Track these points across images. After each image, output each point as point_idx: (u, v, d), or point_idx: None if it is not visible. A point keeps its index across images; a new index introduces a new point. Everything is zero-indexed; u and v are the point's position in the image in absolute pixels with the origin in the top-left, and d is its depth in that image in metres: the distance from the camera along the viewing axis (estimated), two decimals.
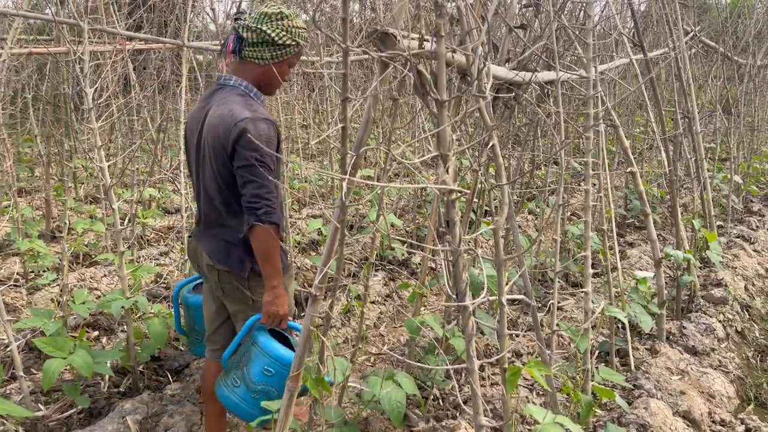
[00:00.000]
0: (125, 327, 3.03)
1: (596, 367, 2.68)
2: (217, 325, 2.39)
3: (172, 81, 6.02)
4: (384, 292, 4.31)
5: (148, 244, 5.08)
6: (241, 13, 2.15)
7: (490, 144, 1.69)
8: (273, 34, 2.08)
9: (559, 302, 4.17)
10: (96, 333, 3.55)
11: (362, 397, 2.41)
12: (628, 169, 3.36)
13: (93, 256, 4.60)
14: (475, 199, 3.41)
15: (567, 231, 4.56)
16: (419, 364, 1.68)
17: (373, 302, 4.15)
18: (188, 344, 2.89)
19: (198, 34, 8.23)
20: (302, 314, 2.74)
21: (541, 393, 3.04)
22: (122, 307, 2.74)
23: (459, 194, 1.41)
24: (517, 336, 3.55)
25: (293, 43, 2.13)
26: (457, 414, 2.78)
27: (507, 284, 1.88)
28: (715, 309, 4.01)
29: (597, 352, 3.34)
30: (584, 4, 2.63)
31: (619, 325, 3.45)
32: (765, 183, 7.87)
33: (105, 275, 4.28)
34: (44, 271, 4.14)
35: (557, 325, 2.58)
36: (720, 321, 3.88)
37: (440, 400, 2.92)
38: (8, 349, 2.53)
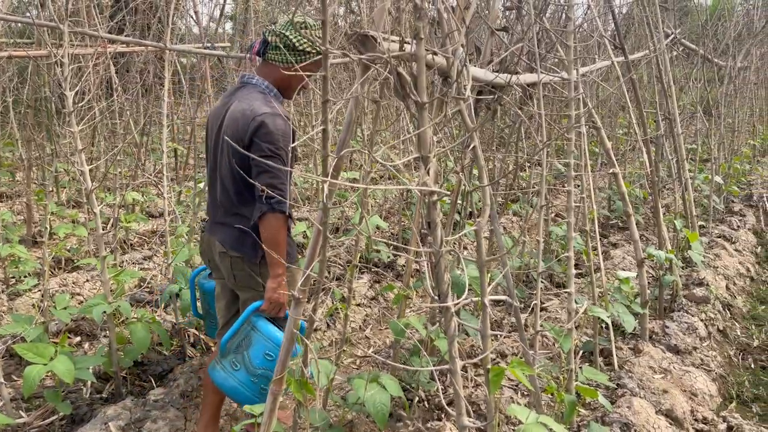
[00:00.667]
0: (108, 332, 3.01)
1: (580, 367, 2.69)
2: (229, 317, 2.49)
3: (155, 84, 5.98)
4: (370, 294, 4.31)
5: (131, 248, 5.03)
6: (274, 23, 2.34)
7: (471, 146, 1.70)
8: (294, 40, 2.24)
9: (543, 303, 4.19)
10: (78, 338, 3.51)
11: (347, 400, 2.40)
12: (610, 171, 3.39)
13: (75, 260, 4.55)
14: (459, 201, 3.42)
15: (551, 232, 4.59)
16: (402, 366, 1.68)
17: (358, 305, 4.14)
18: (204, 327, 3.01)
19: (182, 37, 8.18)
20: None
21: (525, 393, 3.05)
22: (104, 312, 2.71)
23: (440, 196, 1.41)
24: (502, 337, 3.56)
25: (312, 51, 2.28)
26: (443, 415, 2.78)
27: (490, 285, 1.89)
28: (697, 308, 4.05)
29: (581, 351, 3.36)
30: (565, 7, 2.66)
31: (603, 325, 3.48)
32: (745, 183, 7.98)
33: (87, 280, 4.24)
34: (25, 277, 4.08)
35: (541, 325, 2.60)
36: (702, 320, 3.92)
37: (426, 402, 2.92)
38: None
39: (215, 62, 7.25)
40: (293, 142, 2.25)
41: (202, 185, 4.67)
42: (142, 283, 4.24)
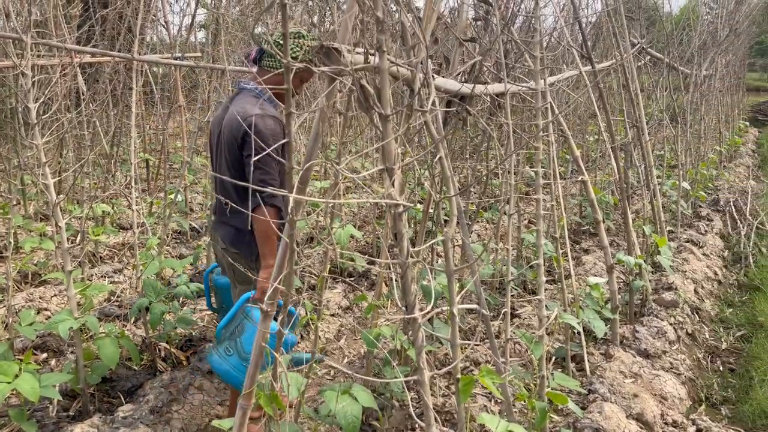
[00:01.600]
0: (75, 348, 2.94)
1: (552, 373, 2.71)
2: None
3: (124, 94, 5.91)
4: (344, 304, 4.30)
5: (101, 261, 4.95)
6: (270, 34, 2.58)
7: (438, 156, 1.71)
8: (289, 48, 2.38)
9: (516, 309, 4.22)
10: (45, 355, 3.44)
11: (319, 412, 2.39)
12: (579, 178, 3.44)
13: (42, 275, 4.46)
14: (432, 209, 3.43)
15: (523, 239, 4.63)
16: (369, 378, 1.68)
17: (333, 315, 4.12)
18: (219, 320, 3.17)
19: (153, 47, 8.10)
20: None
21: (499, 401, 3.07)
22: (70, 327, 2.66)
23: (405, 208, 1.42)
24: (474, 345, 3.57)
25: (305, 58, 2.46)
26: (416, 426, 2.78)
27: (459, 293, 1.89)
28: (666, 312, 4.12)
29: (554, 358, 3.39)
30: (529, 19, 2.70)
31: (575, 331, 3.51)
32: (712, 188, 8.15)
33: (55, 295, 4.15)
34: None
35: (512, 332, 2.61)
36: (671, 324, 3.99)
37: (401, 410, 2.91)
38: None
39: (187, 72, 7.19)
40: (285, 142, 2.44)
41: (173, 196, 4.62)
42: (112, 297, 4.17)
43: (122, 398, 3.02)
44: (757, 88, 30.36)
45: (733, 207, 7.16)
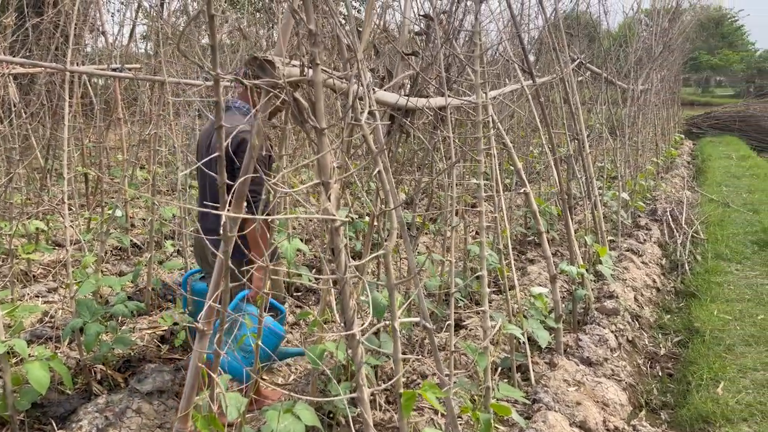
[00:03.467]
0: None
1: (497, 385, 2.73)
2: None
3: (59, 105, 5.68)
4: (290, 319, 4.23)
5: (34, 280, 4.72)
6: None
7: (377, 170, 1.69)
8: None
9: (463, 321, 4.24)
10: None
11: None
12: (522, 190, 3.50)
13: None
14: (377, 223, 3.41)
15: (469, 250, 4.67)
16: (310, 397, 1.64)
17: None
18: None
19: (92, 57, 7.85)
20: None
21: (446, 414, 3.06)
22: None
23: (342, 222, 1.40)
24: (422, 357, 3.56)
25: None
26: None
27: (402, 306, 1.88)
28: (607, 320, 4.22)
29: (499, 368, 3.42)
30: (471, 33, 2.73)
31: (520, 341, 3.55)
32: (651, 199, 8.44)
33: None
34: None
35: (456, 344, 2.62)
36: (612, 331, 4.08)
37: (348, 427, 2.87)
38: None
39: (128, 84, 6.99)
40: (270, 155, 2.69)
41: (111, 212, 4.46)
42: (45, 318, 3.98)
43: (54, 425, 2.87)
44: (692, 102, 31.88)
45: (669, 216, 7.43)
